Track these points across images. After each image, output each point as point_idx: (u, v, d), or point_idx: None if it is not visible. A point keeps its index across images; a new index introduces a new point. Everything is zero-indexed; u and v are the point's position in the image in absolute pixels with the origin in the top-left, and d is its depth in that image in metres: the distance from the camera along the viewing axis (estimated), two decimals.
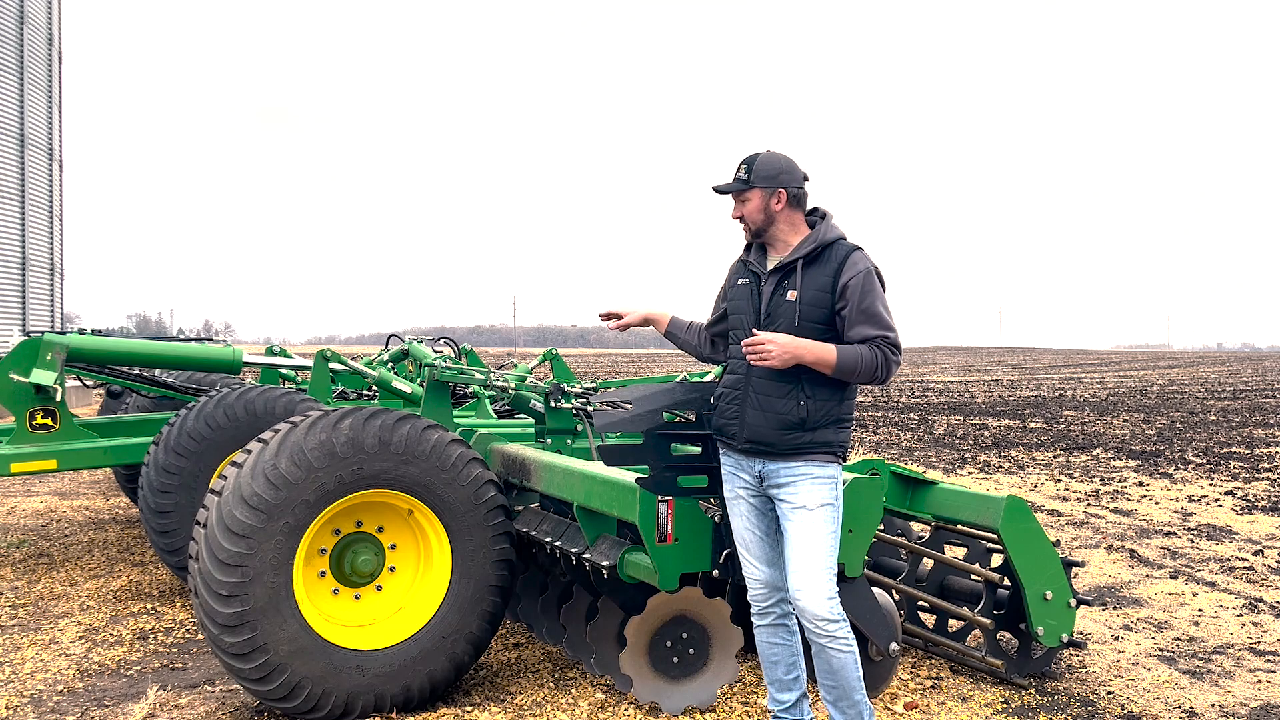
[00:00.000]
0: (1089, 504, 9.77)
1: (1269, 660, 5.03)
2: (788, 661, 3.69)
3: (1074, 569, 4.74)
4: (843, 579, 4.14)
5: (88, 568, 6.77)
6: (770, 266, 3.56)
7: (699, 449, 3.79)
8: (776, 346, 3.32)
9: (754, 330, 3.47)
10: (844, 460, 3.53)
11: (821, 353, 3.36)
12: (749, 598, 3.69)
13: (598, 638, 4.37)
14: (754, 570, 3.63)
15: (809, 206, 3.63)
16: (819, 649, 3.45)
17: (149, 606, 5.77)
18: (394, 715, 4.02)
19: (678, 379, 4.86)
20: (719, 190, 3.60)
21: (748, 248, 3.70)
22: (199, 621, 3.95)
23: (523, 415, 6.45)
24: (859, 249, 3.50)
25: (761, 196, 3.53)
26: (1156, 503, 9.88)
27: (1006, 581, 4.55)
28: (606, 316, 3.95)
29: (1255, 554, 7.51)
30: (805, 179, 3.59)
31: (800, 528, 3.42)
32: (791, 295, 3.46)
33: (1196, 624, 5.66)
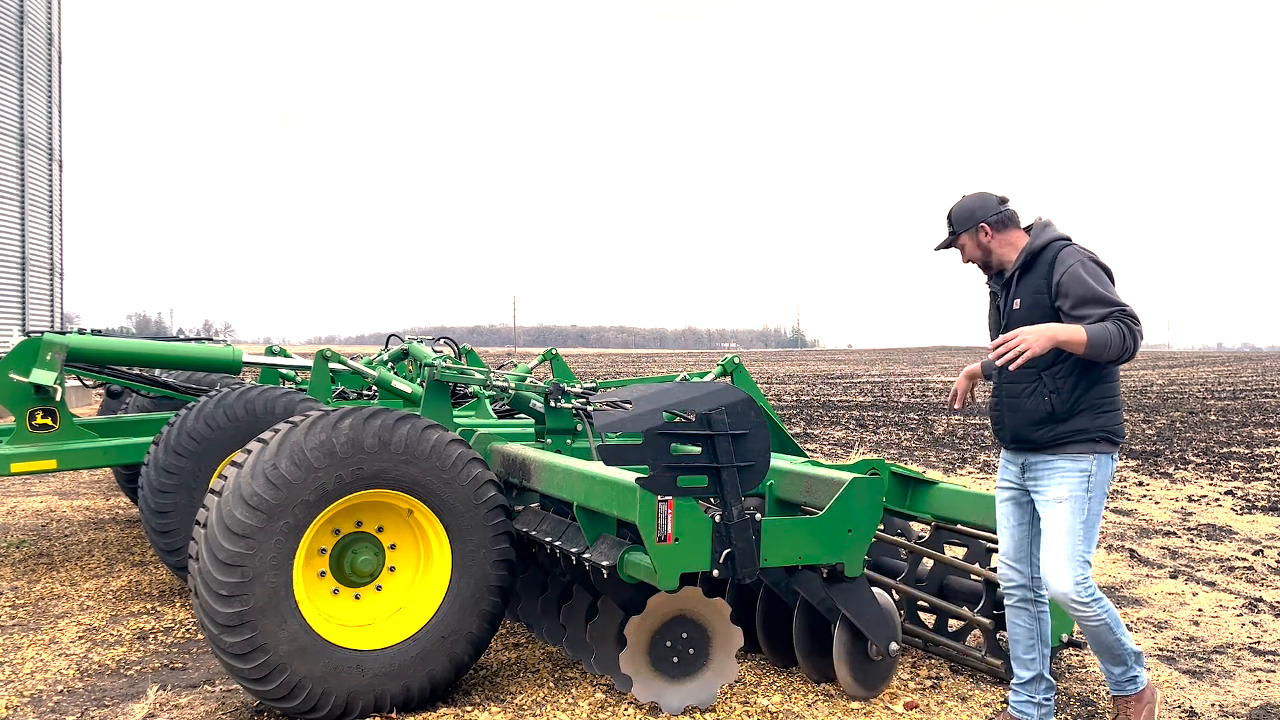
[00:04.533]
0: None
1: (1269, 660, 5.03)
2: (1026, 642, 3.92)
3: None
4: (841, 579, 4.15)
5: (88, 568, 6.78)
6: (1001, 285, 3.90)
7: (699, 449, 3.79)
8: (1032, 335, 3.52)
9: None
10: (1112, 444, 3.70)
11: (1072, 332, 3.54)
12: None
13: (598, 637, 4.37)
14: (1002, 555, 3.96)
15: (1024, 223, 3.90)
16: (1076, 618, 3.71)
17: (149, 606, 5.77)
18: (394, 715, 4.02)
19: (678, 379, 4.87)
20: (941, 247, 3.97)
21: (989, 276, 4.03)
22: (199, 621, 3.95)
23: (523, 415, 6.45)
24: (1067, 245, 3.73)
25: (970, 238, 3.87)
26: (1156, 502, 9.89)
27: None
28: (957, 403, 4.32)
29: (1255, 554, 7.51)
30: (1003, 201, 3.88)
31: (1049, 519, 3.72)
32: (1016, 304, 3.77)
33: (1196, 624, 5.66)
